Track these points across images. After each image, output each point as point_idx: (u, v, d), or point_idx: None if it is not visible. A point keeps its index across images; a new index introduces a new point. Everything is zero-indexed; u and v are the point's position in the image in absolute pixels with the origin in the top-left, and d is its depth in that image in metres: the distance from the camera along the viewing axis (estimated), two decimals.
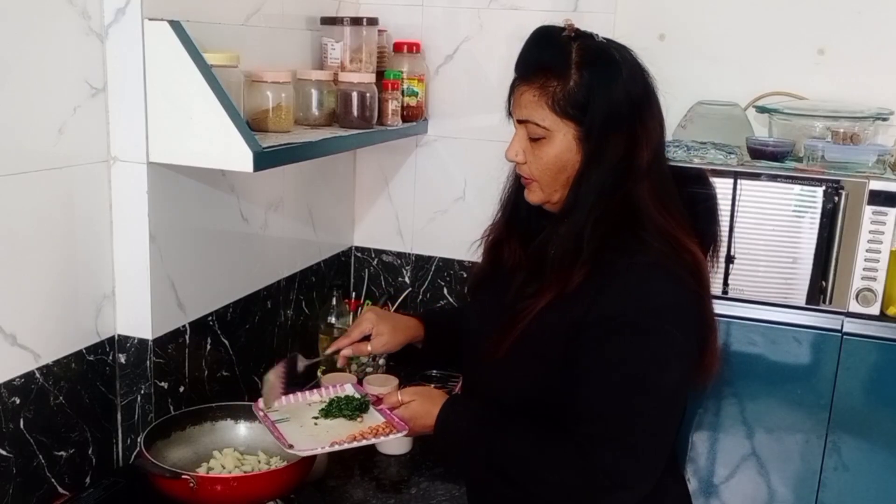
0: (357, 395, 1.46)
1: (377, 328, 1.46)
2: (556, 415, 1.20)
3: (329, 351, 1.49)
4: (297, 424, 1.38)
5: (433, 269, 2.24)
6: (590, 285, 1.19)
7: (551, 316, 1.21)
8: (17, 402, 1.32)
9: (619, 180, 1.21)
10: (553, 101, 1.20)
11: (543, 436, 1.19)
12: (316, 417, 1.40)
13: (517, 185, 1.35)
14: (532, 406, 1.24)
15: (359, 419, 1.38)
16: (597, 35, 1.25)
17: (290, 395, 1.46)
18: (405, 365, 1.95)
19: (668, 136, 1.83)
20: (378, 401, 1.38)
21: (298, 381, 1.50)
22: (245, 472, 1.42)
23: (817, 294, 1.68)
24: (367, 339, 1.46)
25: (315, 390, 1.49)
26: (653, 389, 1.16)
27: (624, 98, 1.20)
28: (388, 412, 1.34)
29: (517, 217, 1.36)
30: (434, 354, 1.55)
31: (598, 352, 1.17)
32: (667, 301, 1.18)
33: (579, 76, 1.20)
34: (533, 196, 1.28)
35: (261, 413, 1.41)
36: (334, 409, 1.41)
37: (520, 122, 1.26)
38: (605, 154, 1.20)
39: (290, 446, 1.28)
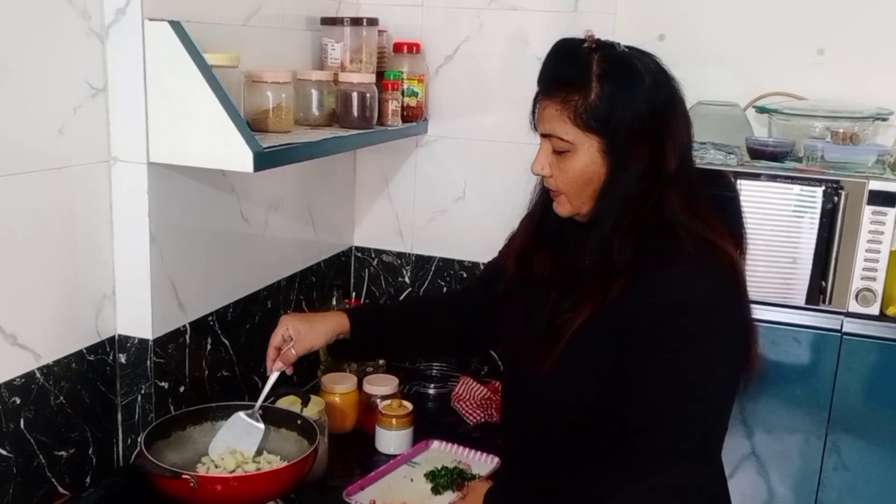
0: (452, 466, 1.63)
1: (294, 331, 1.46)
2: (610, 423, 1.19)
3: (270, 373, 1.49)
4: None
5: (433, 269, 2.24)
6: (631, 295, 1.18)
7: (593, 327, 1.20)
8: (18, 401, 1.32)
9: (646, 189, 1.20)
10: (575, 115, 1.19)
11: (596, 472, 1.20)
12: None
13: (546, 195, 1.33)
14: (582, 417, 1.25)
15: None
16: (619, 44, 1.24)
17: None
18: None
19: None
20: None
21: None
22: (246, 472, 1.43)
23: (817, 294, 1.68)
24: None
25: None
26: (703, 396, 1.16)
27: (647, 107, 1.19)
28: None
29: (546, 226, 1.35)
30: (364, 345, 1.55)
31: (647, 362, 1.16)
32: (710, 307, 1.18)
33: (600, 88, 1.18)
34: (562, 208, 1.28)
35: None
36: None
37: (544, 136, 1.25)
38: (629, 164, 1.20)
39: None
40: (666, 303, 1.17)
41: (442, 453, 1.70)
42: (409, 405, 1.77)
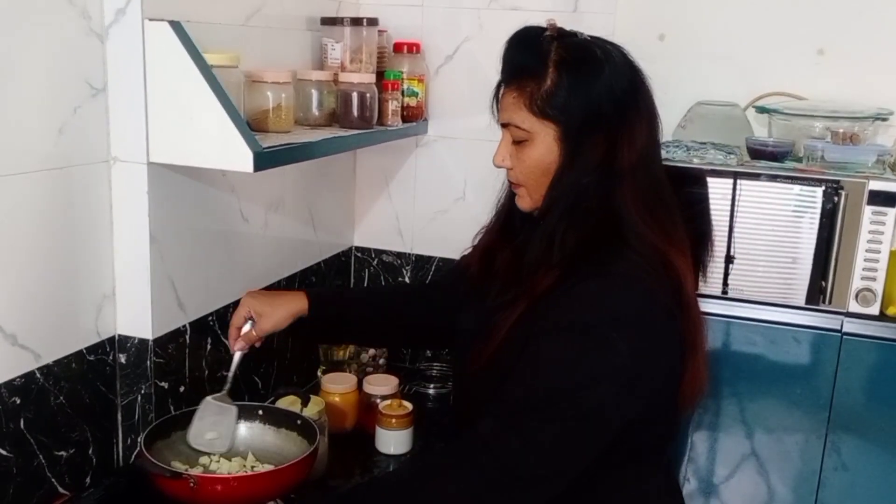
0: None
1: (256, 309, 1.45)
2: None
3: (233, 353, 1.49)
4: None
5: (433, 269, 2.24)
6: (558, 292, 1.14)
7: (524, 323, 1.17)
8: (18, 401, 1.32)
9: (597, 181, 1.17)
10: (531, 102, 1.18)
11: (416, 466, 1.18)
12: None
13: (511, 193, 1.32)
14: None
15: None
16: (580, 33, 1.22)
17: None
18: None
19: (668, 136, 1.84)
20: None
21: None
22: (245, 472, 1.43)
23: (817, 294, 1.68)
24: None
25: None
26: (579, 401, 1.09)
27: (606, 97, 1.16)
28: None
29: (512, 225, 1.33)
30: (321, 326, 1.52)
31: (536, 349, 1.12)
32: (625, 312, 1.12)
33: (557, 76, 1.17)
34: (522, 202, 1.26)
35: None
36: None
37: (504, 126, 1.24)
38: (581, 154, 1.17)
39: None
40: (580, 299, 1.12)
41: None
42: (409, 405, 1.77)
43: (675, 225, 1.21)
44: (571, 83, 1.16)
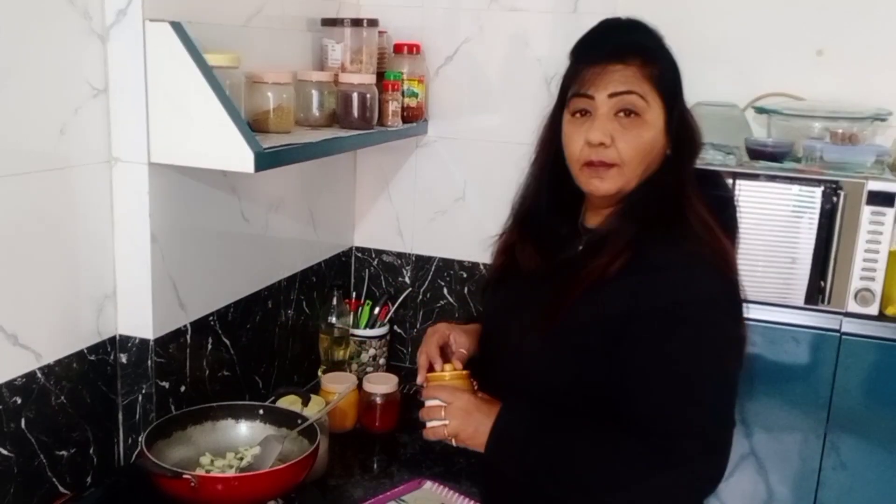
0: None
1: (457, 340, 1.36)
2: (591, 408, 1.18)
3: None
4: None
5: (433, 269, 2.24)
6: (631, 275, 1.17)
7: (590, 304, 1.18)
8: (19, 401, 1.32)
9: (680, 169, 1.24)
10: (653, 80, 1.20)
11: (619, 440, 1.15)
12: None
13: (536, 188, 1.32)
14: (564, 400, 1.21)
15: None
16: None
17: None
18: None
19: None
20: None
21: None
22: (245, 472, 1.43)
23: (816, 294, 1.69)
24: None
25: None
26: (719, 380, 1.16)
27: (680, 85, 1.25)
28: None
29: (533, 221, 1.33)
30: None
31: (657, 347, 1.15)
32: (716, 291, 1.17)
33: (667, 61, 1.23)
34: (609, 184, 1.21)
35: None
36: None
37: (613, 95, 1.19)
38: (684, 142, 1.24)
39: None
40: (672, 287, 1.15)
41: (432, 495, 1.61)
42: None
43: (714, 214, 1.25)
44: (676, 70, 1.24)
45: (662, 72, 1.21)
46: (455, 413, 1.22)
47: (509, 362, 1.30)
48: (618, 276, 1.17)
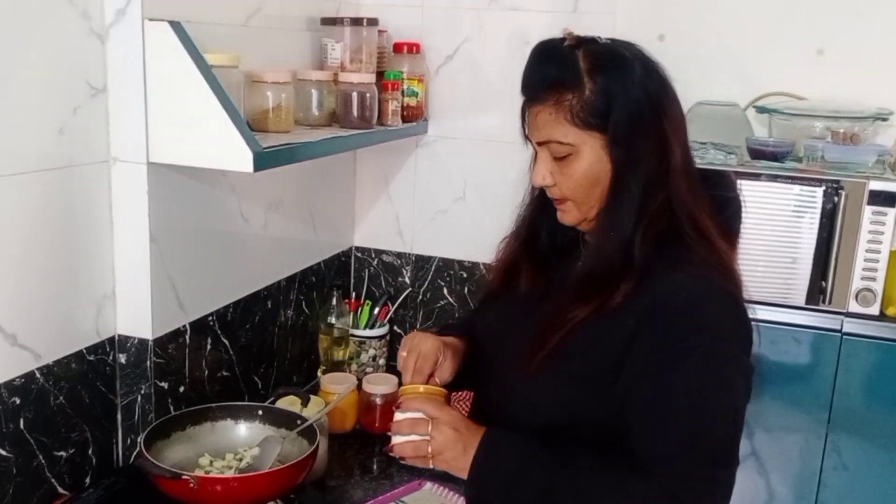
0: None
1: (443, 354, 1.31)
2: (591, 437, 1.14)
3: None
4: None
5: (433, 269, 2.24)
6: (637, 301, 1.12)
7: (591, 331, 1.14)
8: (18, 402, 1.32)
9: (657, 182, 1.15)
10: (572, 115, 1.14)
11: (624, 483, 1.10)
12: None
13: (538, 208, 1.29)
14: (562, 429, 1.17)
15: None
16: (599, 37, 1.20)
17: None
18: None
19: None
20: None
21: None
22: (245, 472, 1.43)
23: (817, 294, 1.68)
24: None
25: None
26: (728, 416, 1.12)
27: (643, 95, 1.14)
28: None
29: (536, 241, 1.31)
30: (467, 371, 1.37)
31: (666, 379, 1.10)
32: (727, 321, 1.13)
33: (593, 83, 1.14)
34: (568, 217, 1.22)
35: None
36: None
37: (540, 144, 1.19)
38: (637, 157, 1.14)
39: None
40: (681, 317, 1.11)
41: (432, 496, 1.60)
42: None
43: (714, 216, 1.21)
44: (610, 88, 1.14)
45: (583, 101, 1.14)
46: (442, 429, 1.16)
47: (502, 383, 1.27)
48: (623, 300, 1.14)
